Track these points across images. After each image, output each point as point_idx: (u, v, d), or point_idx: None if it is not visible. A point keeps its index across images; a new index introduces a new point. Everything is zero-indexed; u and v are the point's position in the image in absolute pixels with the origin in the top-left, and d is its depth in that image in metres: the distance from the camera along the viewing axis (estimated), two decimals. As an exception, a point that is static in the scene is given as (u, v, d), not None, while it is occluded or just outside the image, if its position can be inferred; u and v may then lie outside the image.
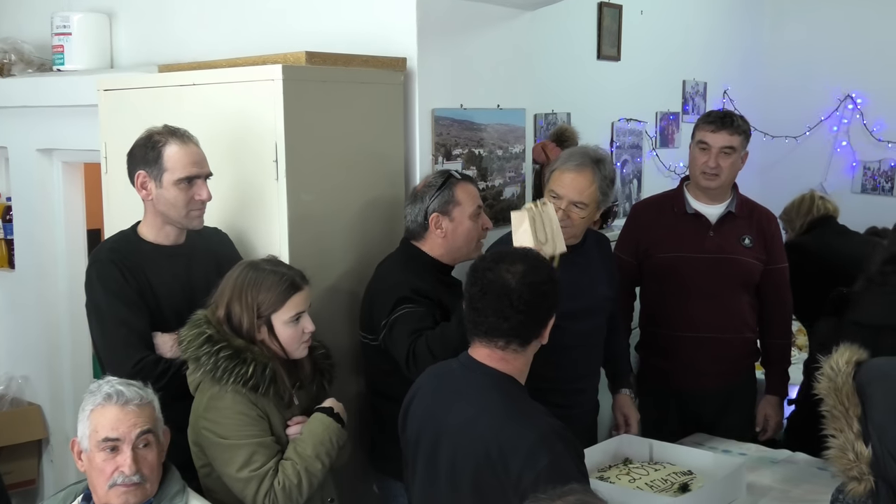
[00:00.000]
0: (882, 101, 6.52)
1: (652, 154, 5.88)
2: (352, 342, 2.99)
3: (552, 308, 2.14)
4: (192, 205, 2.67)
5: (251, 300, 2.42)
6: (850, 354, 2.27)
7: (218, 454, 2.37)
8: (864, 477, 2.13)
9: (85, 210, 4.34)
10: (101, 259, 2.67)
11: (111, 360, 2.58)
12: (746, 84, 6.77)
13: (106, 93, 3.27)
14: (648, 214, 3.51)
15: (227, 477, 2.37)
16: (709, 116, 3.37)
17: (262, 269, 2.47)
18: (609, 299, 3.14)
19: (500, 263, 2.12)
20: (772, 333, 3.46)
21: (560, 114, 4.88)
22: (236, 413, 2.36)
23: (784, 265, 3.45)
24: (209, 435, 2.38)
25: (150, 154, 2.64)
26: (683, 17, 6.07)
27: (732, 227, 3.37)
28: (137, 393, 2.19)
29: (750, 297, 3.41)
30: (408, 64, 3.16)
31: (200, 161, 2.68)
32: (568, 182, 2.87)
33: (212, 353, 2.37)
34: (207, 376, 2.38)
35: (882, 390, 2.20)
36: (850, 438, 2.16)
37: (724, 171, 3.30)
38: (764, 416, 3.46)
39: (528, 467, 1.95)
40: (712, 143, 3.28)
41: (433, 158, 3.24)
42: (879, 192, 6.60)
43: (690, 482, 2.73)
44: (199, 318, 2.46)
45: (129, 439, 2.13)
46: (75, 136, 3.95)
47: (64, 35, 3.99)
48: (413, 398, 2.28)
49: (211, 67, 3.10)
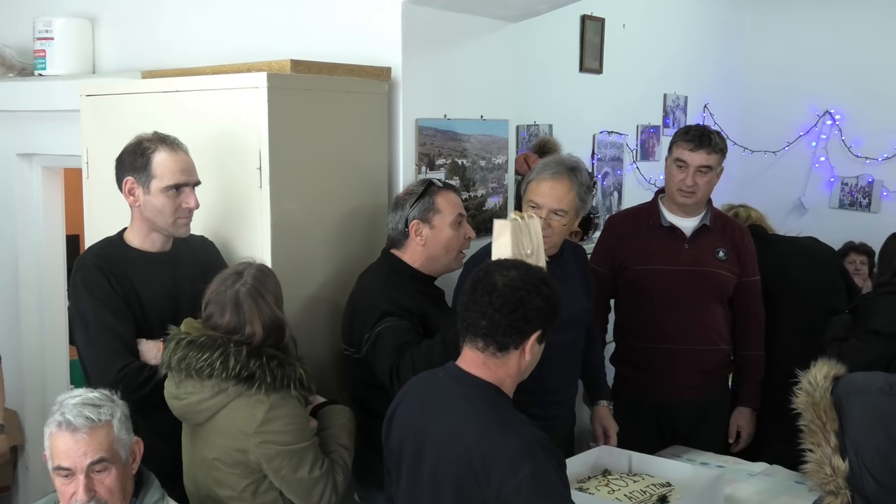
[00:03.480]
0: (860, 117, 6.60)
1: (633, 167, 5.91)
2: (333, 352, 2.98)
3: (534, 321, 2.11)
4: (180, 213, 2.66)
5: (268, 300, 2.49)
6: (828, 369, 2.29)
7: (286, 462, 2.39)
8: (840, 491, 2.14)
9: (64, 215, 4.31)
10: (87, 265, 2.64)
11: (95, 366, 2.56)
12: (726, 99, 6.83)
13: (88, 98, 3.25)
14: (623, 227, 3.54)
15: (298, 481, 2.41)
16: (686, 134, 3.36)
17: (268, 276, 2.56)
18: (588, 310, 3.16)
19: (498, 267, 2.16)
20: (745, 345, 3.49)
21: (542, 125, 4.90)
22: (298, 416, 2.42)
23: (756, 278, 3.49)
24: (273, 446, 2.37)
25: (138, 160, 2.63)
26: (665, 31, 6.12)
27: (707, 240, 3.40)
28: (88, 418, 2.13)
29: (724, 309, 3.44)
30: (392, 73, 3.17)
31: (189, 169, 2.67)
32: (546, 191, 2.89)
33: (264, 366, 2.37)
34: (262, 390, 2.36)
35: (859, 405, 2.22)
36: (827, 453, 2.18)
37: (701, 189, 3.34)
38: (736, 428, 3.48)
39: (509, 477, 1.95)
40: (690, 162, 3.31)
41: (416, 168, 3.24)
42: (857, 207, 6.67)
43: (669, 494, 2.74)
44: (199, 335, 2.42)
45: (81, 468, 2.12)
46: (56, 141, 3.93)
47: (46, 40, 3.97)
48: (398, 406, 2.27)
49: (195, 74, 3.09)
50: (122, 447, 2.18)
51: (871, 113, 6.53)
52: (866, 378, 2.35)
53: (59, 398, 2.20)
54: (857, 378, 2.33)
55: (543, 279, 2.17)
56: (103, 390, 2.24)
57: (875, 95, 6.50)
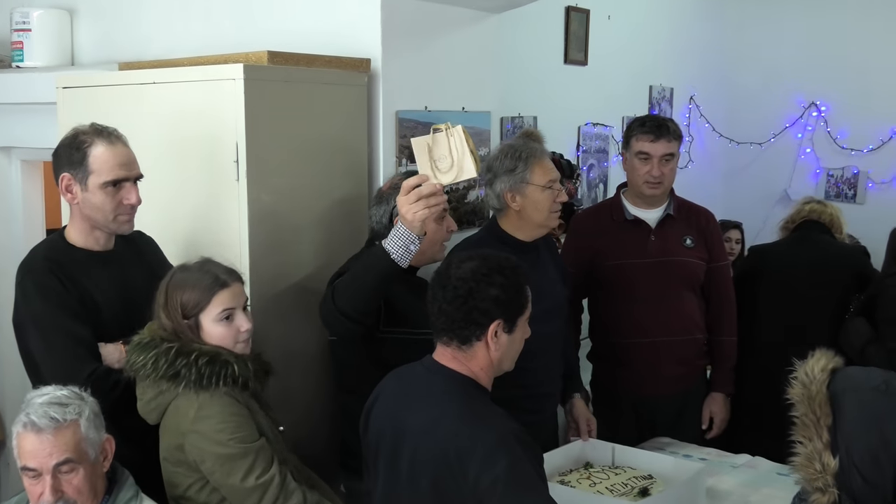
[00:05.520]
0: (846, 109, 6.60)
1: (618, 158, 5.87)
2: (319, 343, 2.96)
3: (490, 311, 2.06)
4: (120, 209, 2.52)
5: (175, 301, 2.37)
6: (826, 362, 2.24)
7: (217, 466, 2.31)
8: (828, 489, 2.12)
9: (44, 209, 4.27)
10: (37, 269, 2.50)
11: (58, 374, 2.35)
12: (712, 90, 6.82)
13: (65, 90, 3.21)
14: (588, 225, 3.53)
15: (230, 487, 2.31)
16: (643, 126, 3.36)
17: (188, 270, 2.43)
18: (567, 298, 3.16)
19: (456, 260, 2.13)
20: (718, 331, 3.48)
21: (527, 117, 4.87)
22: (232, 415, 2.31)
23: (725, 262, 3.51)
24: (201, 449, 2.31)
25: (74, 155, 2.48)
26: (650, 22, 6.10)
27: (673, 230, 3.40)
28: (53, 419, 2.08)
29: (697, 297, 3.44)
30: (372, 65, 3.14)
31: (128, 163, 2.53)
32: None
33: (191, 364, 2.30)
34: (190, 388, 2.31)
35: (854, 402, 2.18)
36: (818, 448, 2.15)
37: (667, 178, 3.36)
38: (709, 414, 3.47)
39: (485, 470, 1.93)
40: (652, 153, 3.32)
41: (397, 161, 3.22)
42: (843, 199, 6.67)
43: (651, 486, 2.74)
44: (146, 338, 2.37)
45: (47, 468, 2.08)
46: (35, 134, 3.88)
47: (23, 31, 3.93)
48: (375, 400, 2.25)
49: (172, 66, 3.07)
50: (91, 446, 2.14)
51: (856, 105, 6.52)
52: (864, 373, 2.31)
53: (28, 396, 2.17)
54: (854, 374, 2.29)
55: (499, 268, 2.09)
56: (73, 387, 2.19)
57: (860, 87, 6.50)
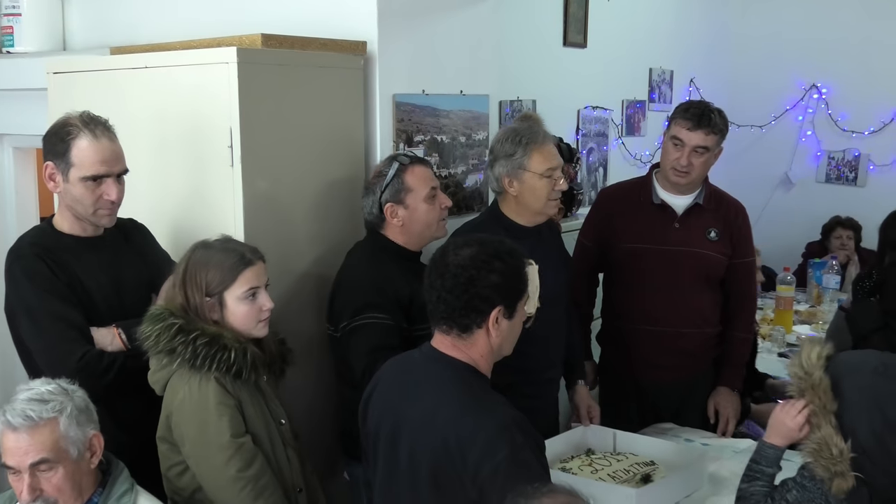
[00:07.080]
0: (846, 91, 6.55)
1: (618, 142, 5.85)
2: (320, 329, 2.93)
3: (491, 298, 2.02)
4: (100, 203, 2.50)
5: (200, 280, 2.35)
6: (820, 349, 2.25)
7: (192, 452, 2.29)
8: (847, 473, 2.11)
9: (38, 197, 4.22)
10: (24, 255, 2.49)
11: (51, 358, 2.40)
12: (713, 73, 6.77)
13: (55, 76, 3.17)
14: (614, 202, 3.45)
15: (204, 477, 2.29)
16: (686, 111, 3.21)
17: (211, 247, 2.40)
18: (568, 284, 3.13)
19: (454, 246, 2.08)
20: (734, 326, 3.40)
21: (525, 101, 4.82)
22: (216, 404, 2.27)
23: (751, 259, 3.40)
24: (184, 430, 2.29)
25: (59, 146, 2.47)
26: (650, 4, 6.04)
27: (699, 220, 3.31)
28: (29, 417, 2.05)
29: (713, 292, 3.36)
30: (368, 48, 3.09)
31: (110, 159, 2.50)
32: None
33: (188, 343, 2.28)
34: (185, 367, 2.28)
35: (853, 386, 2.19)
36: (828, 433, 2.16)
37: (696, 170, 3.22)
38: (714, 407, 3.37)
39: (486, 459, 1.90)
40: (686, 141, 3.19)
41: (394, 145, 3.17)
42: (844, 181, 6.63)
43: (653, 473, 2.71)
44: (159, 311, 2.36)
45: (24, 467, 2.06)
46: (27, 121, 3.82)
47: (13, 16, 3.88)
48: (374, 389, 2.23)
49: (164, 50, 3.01)
50: (72, 444, 2.09)
51: (857, 87, 6.47)
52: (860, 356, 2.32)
53: (17, 389, 2.13)
54: (851, 358, 2.30)
55: (497, 254, 2.06)
56: (61, 382, 2.15)
57: (861, 69, 6.44)
